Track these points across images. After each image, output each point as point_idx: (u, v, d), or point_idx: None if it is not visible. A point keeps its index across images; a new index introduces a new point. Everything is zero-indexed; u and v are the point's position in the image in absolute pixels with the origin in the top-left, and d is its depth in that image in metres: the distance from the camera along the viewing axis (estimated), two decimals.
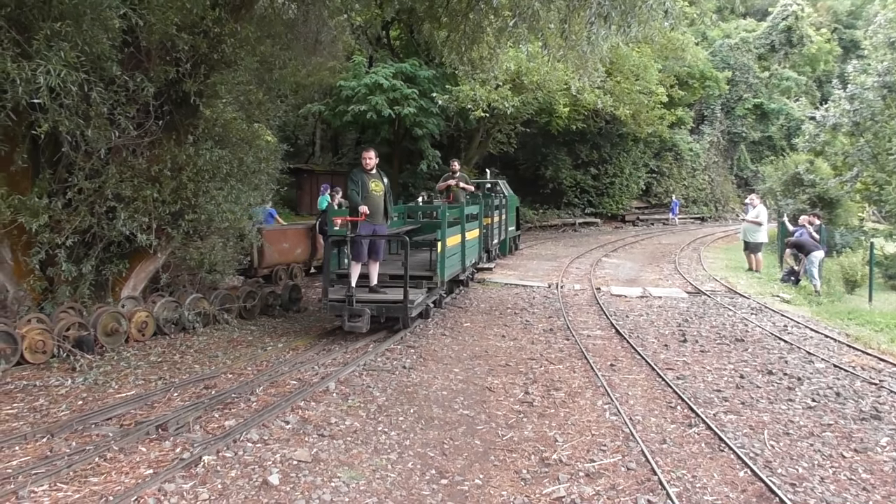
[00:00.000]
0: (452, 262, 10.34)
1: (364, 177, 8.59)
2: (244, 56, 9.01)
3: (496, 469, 4.78)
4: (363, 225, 8.43)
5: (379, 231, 8.70)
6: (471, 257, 12.46)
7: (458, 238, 10.92)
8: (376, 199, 8.63)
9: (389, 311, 8.49)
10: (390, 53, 25.60)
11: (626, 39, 10.37)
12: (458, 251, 10.87)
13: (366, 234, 8.48)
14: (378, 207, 8.65)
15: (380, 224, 8.70)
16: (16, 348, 6.99)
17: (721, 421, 5.78)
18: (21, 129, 7.29)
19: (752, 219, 15.98)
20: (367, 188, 8.55)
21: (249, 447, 4.94)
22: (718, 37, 41.65)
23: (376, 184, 8.67)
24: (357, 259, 8.52)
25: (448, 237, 9.84)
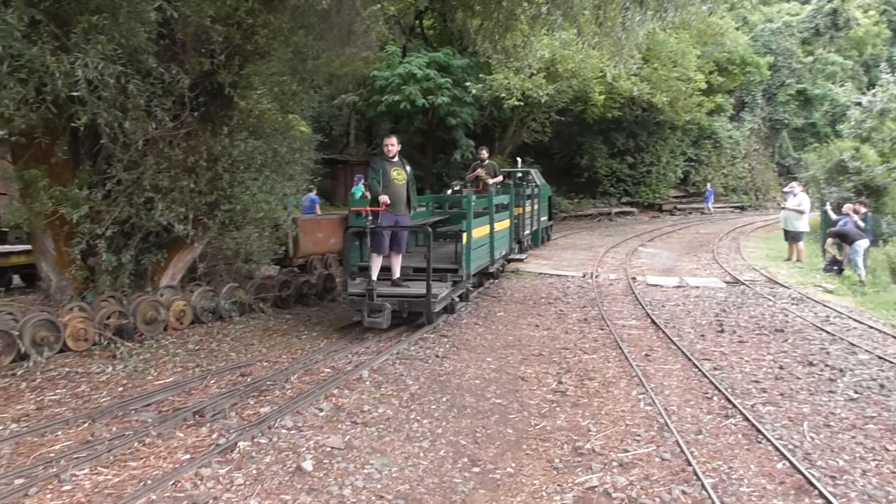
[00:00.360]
0: (479, 254, 9.94)
1: (385, 165, 8.23)
2: (278, 47, 9.05)
3: (528, 458, 4.76)
4: (384, 215, 8.07)
5: (401, 222, 8.34)
6: (500, 249, 11.88)
7: (486, 229, 10.48)
8: (398, 189, 8.26)
9: (412, 306, 8.12)
10: (424, 43, 25.56)
11: (662, 25, 10.22)
12: (485, 242, 10.44)
13: (387, 224, 8.13)
14: (400, 197, 8.30)
15: (402, 214, 8.35)
16: (59, 336, 7.16)
17: (759, 412, 5.67)
18: (61, 122, 7.43)
19: (794, 207, 15.62)
20: (388, 177, 8.19)
21: (284, 434, 5.00)
22: (760, 21, 40.67)
23: (398, 172, 8.30)
24: (378, 251, 8.12)
25: (475, 228, 9.44)
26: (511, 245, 13.26)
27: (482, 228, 10.18)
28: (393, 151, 8.31)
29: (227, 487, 4.14)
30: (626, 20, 9.05)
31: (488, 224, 10.55)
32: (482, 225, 10.21)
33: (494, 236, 10.84)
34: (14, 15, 5.88)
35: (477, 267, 9.84)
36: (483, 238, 10.24)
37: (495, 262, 11.46)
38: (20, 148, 7.62)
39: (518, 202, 14.86)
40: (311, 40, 9.89)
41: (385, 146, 8.32)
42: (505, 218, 12.34)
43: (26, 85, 6.44)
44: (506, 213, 12.55)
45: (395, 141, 8.36)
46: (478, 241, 9.71)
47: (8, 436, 4.94)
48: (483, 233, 10.24)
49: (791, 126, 41.08)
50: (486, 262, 10.64)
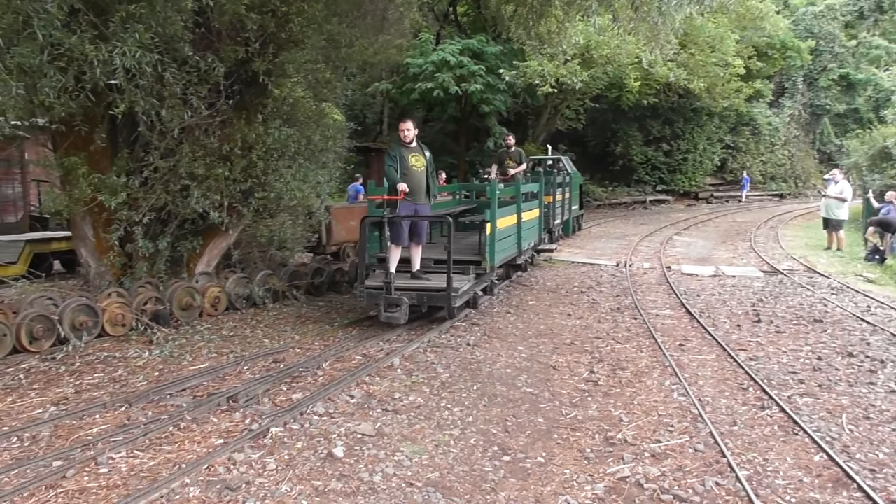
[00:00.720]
0: (505, 245, 9.44)
1: (403, 151, 7.76)
2: (312, 35, 9.07)
3: (559, 447, 4.73)
4: (403, 204, 7.63)
5: (421, 211, 7.88)
6: (529, 239, 11.39)
7: (513, 219, 10.05)
8: (417, 176, 7.78)
9: (431, 300, 7.67)
10: (457, 30, 25.46)
11: (700, 9, 10.00)
12: (512, 233, 9.96)
13: (406, 214, 7.67)
14: (419, 185, 7.81)
15: (422, 203, 7.88)
16: (97, 321, 7.31)
17: (796, 404, 5.56)
18: (100, 110, 7.56)
19: (836, 194, 15.25)
20: (406, 163, 7.72)
21: (315, 420, 5.04)
22: (801, 4, 39.67)
23: (416, 158, 7.81)
24: (396, 242, 7.70)
25: (500, 218, 8.99)
26: (541, 235, 12.74)
27: (508, 218, 9.73)
28: (410, 136, 7.79)
29: (259, 472, 4.19)
30: (662, 5, 8.87)
31: (515, 214, 10.19)
32: (508, 215, 9.78)
33: (522, 226, 10.45)
34: (54, 4, 5.97)
35: (502, 259, 9.44)
36: (509, 228, 9.79)
37: (523, 253, 10.99)
38: (60, 136, 7.77)
39: (548, 190, 14.26)
40: (345, 28, 9.90)
41: (401, 131, 7.81)
42: (534, 207, 11.89)
43: (66, 73, 6.55)
44: (535, 203, 12.04)
45: (412, 125, 7.82)
46: (503, 231, 9.27)
47: (47, 418, 5.06)
48: (509, 223, 9.79)
49: (833, 112, 40.09)
50: (512, 254, 10.19)
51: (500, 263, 9.40)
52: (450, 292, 7.49)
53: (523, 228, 10.54)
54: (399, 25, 12.93)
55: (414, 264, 8.08)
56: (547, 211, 13.78)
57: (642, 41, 13.21)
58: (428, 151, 8.00)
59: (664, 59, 20.23)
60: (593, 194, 30.02)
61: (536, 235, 12.24)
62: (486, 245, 8.58)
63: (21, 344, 6.69)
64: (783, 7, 37.38)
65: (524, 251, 11.04)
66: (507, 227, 9.60)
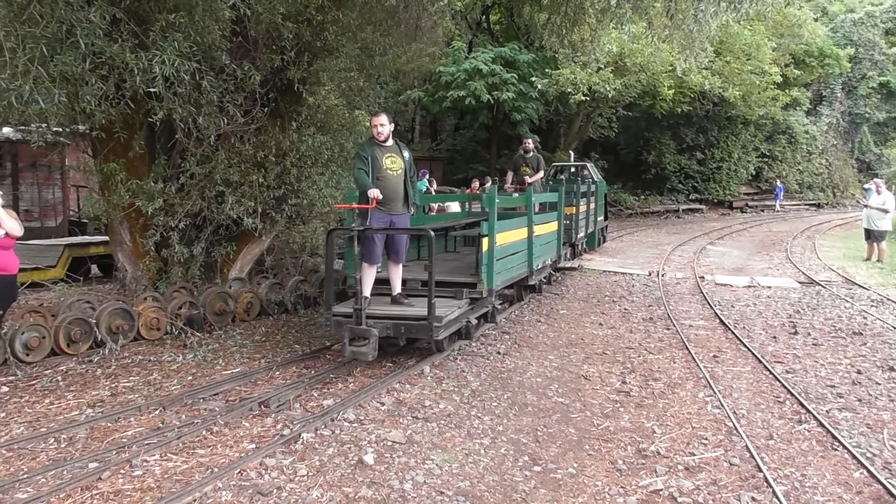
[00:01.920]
0: (509, 263, 8.11)
1: (376, 151, 6.55)
2: (346, 43, 9.17)
3: (591, 458, 4.68)
4: (376, 214, 6.49)
5: (398, 223, 6.70)
6: (545, 256, 9.98)
7: (522, 232, 8.69)
8: (393, 181, 6.59)
9: (410, 331, 6.31)
10: (490, 38, 25.50)
11: (736, 17, 9.88)
12: (520, 249, 8.60)
13: (380, 226, 6.52)
14: (396, 191, 6.62)
15: (399, 213, 6.71)
16: (133, 325, 7.43)
17: (835, 418, 5.44)
18: (139, 117, 7.71)
19: (879, 205, 14.92)
20: (379, 165, 6.53)
21: (346, 426, 5.06)
22: (840, 11, 39.02)
23: (393, 160, 6.61)
24: (369, 261, 6.55)
25: (503, 232, 7.71)
26: (560, 251, 11.26)
27: (514, 232, 8.35)
28: (384, 133, 6.59)
29: (290, 478, 4.21)
30: (698, 12, 8.78)
31: (525, 227, 8.84)
32: (516, 228, 8.44)
33: (535, 242, 9.07)
34: (97, 14, 6.11)
35: (505, 280, 8.07)
36: (516, 244, 8.41)
37: (537, 272, 9.52)
38: (100, 142, 7.93)
39: (570, 200, 12.78)
40: (379, 36, 9.98)
41: (374, 127, 6.61)
42: (552, 219, 10.52)
43: (107, 81, 6.69)
44: (553, 215, 10.71)
45: (386, 119, 6.59)
46: (507, 247, 7.97)
47: (84, 420, 5.15)
48: (516, 237, 8.42)
49: (872, 120, 39.30)
50: (520, 274, 8.76)
51: (504, 285, 8.13)
52: (431, 322, 6.15)
53: (537, 244, 9.23)
54: (432, 34, 13.00)
55: (393, 287, 6.89)
56: (569, 224, 12.59)
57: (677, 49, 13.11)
58: (407, 152, 6.85)
59: (699, 67, 20.09)
60: (625, 203, 29.80)
61: (554, 251, 10.84)
62: (482, 264, 7.25)
63: (59, 346, 6.83)
64: (821, 14, 36.83)
65: (538, 270, 9.58)
66: (514, 243, 8.32)
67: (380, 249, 6.63)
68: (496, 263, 7.33)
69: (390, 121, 6.68)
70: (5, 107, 6.47)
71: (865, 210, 15.42)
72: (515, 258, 8.39)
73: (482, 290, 7.19)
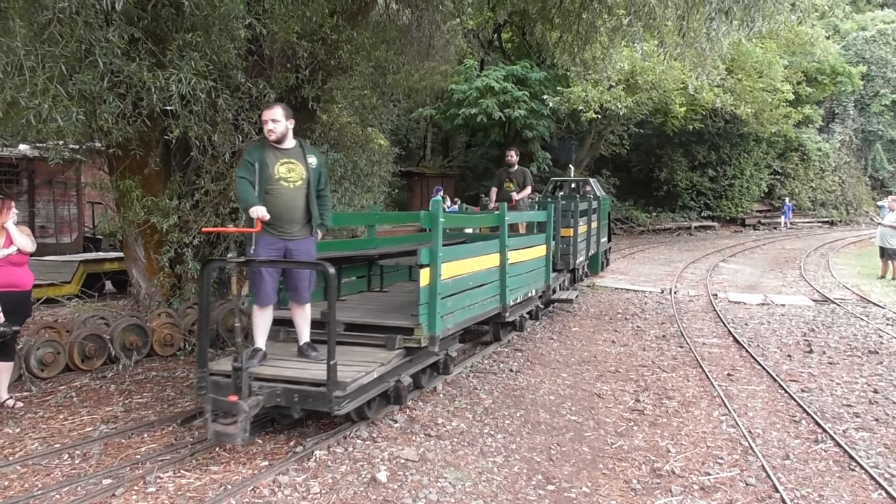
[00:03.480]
0: (468, 300, 6.47)
1: (266, 155, 5.06)
2: (359, 62, 9.25)
3: (605, 477, 4.65)
4: (263, 240, 5.03)
5: (296, 251, 5.17)
6: (525, 287, 8.41)
7: (490, 259, 7.13)
8: (288, 195, 5.09)
9: (305, 400, 4.73)
10: (502, 56, 25.64)
11: (748, 35, 9.89)
12: (488, 280, 7.04)
13: (270, 256, 5.06)
14: (292, 208, 5.11)
15: (297, 237, 5.17)
16: (147, 341, 7.47)
17: (851, 438, 5.38)
18: (155, 135, 7.79)
19: (892, 223, 14.82)
20: (269, 174, 5.02)
21: (359, 444, 5.05)
22: (852, 29, 38.96)
23: (290, 167, 5.12)
24: (259, 301, 5.21)
25: (454, 259, 6.11)
26: (549, 280, 9.54)
27: (476, 260, 6.74)
28: (278, 132, 5.06)
29: (303, 496, 4.20)
30: (710, 30, 8.79)
31: (496, 252, 7.31)
32: (478, 254, 6.85)
33: (510, 271, 7.55)
34: (116, 33, 6.20)
35: (461, 322, 6.38)
36: (480, 275, 6.83)
37: (513, 307, 7.95)
38: (116, 160, 8.00)
39: (567, 221, 11.12)
40: (392, 55, 10.07)
41: (265, 123, 5.08)
42: (537, 243, 9.05)
43: (124, 99, 6.78)
44: (539, 237, 9.28)
45: (281, 113, 5.07)
46: (463, 280, 6.34)
47: (98, 436, 5.17)
48: (479, 266, 6.81)
49: (885, 137, 39.11)
50: (487, 311, 7.10)
51: (458, 329, 6.42)
52: (330, 389, 4.60)
53: (513, 273, 7.70)
54: (444, 52, 13.12)
55: (299, 334, 5.46)
56: (565, 247, 11.08)
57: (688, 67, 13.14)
58: (315, 157, 5.29)
59: (711, 85, 20.13)
60: (637, 220, 29.74)
61: (541, 281, 9.24)
62: (422, 303, 5.57)
63: (73, 362, 6.87)
64: (833, 32, 36.78)
65: (515, 305, 8.05)
66: (476, 274, 6.74)
67: (272, 286, 5.17)
68: (443, 302, 5.79)
69: (288, 116, 5.11)
70: (23, 124, 6.56)
71: (880, 228, 15.32)
72: (478, 293, 6.78)
73: (421, 337, 5.55)
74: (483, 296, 6.93)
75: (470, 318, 6.63)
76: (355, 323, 5.91)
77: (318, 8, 7.90)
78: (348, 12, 8.82)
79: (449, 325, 5.99)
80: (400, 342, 5.61)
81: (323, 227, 5.42)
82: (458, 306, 6.23)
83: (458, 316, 6.26)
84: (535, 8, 11.83)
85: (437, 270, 5.62)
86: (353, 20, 8.91)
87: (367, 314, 6.18)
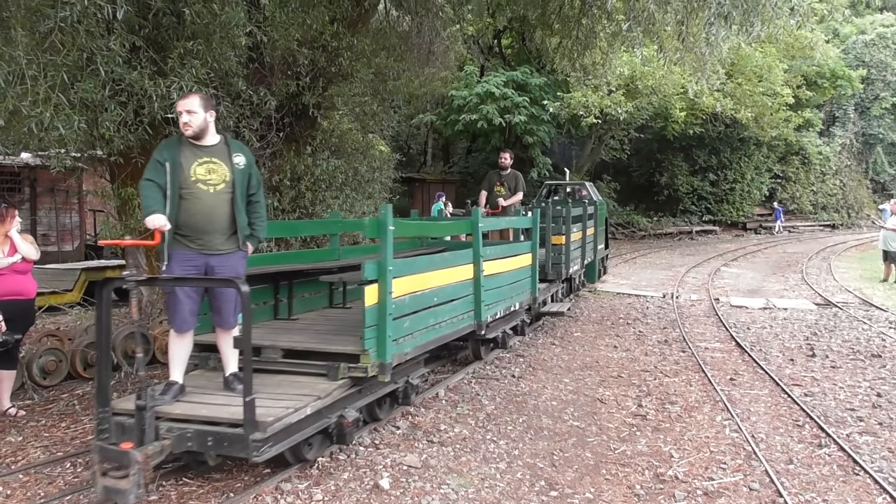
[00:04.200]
0: (431, 318, 5.67)
1: (181, 153, 4.29)
2: (360, 68, 9.28)
3: (608, 483, 4.64)
4: (178, 255, 4.29)
5: (219, 267, 4.36)
6: (506, 301, 7.57)
7: (461, 272, 6.30)
8: (207, 201, 4.28)
9: (220, 445, 4.01)
10: (502, 62, 25.70)
11: (748, 39, 9.92)
12: (457, 295, 6.21)
13: (185, 273, 4.27)
14: (212, 217, 4.31)
15: (220, 252, 4.37)
16: (149, 349, 7.46)
17: (855, 442, 5.37)
18: (156, 143, 7.77)
19: (893, 226, 14.82)
20: (184, 176, 4.24)
21: (361, 451, 5.04)
22: (852, 33, 39.03)
23: (211, 167, 4.32)
24: (175, 326, 4.39)
25: (412, 273, 5.32)
26: (536, 293, 8.69)
27: (440, 273, 5.87)
28: (195, 125, 4.28)
29: (305, 503, 4.20)
30: (709, 35, 8.81)
31: (469, 263, 6.50)
32: (444, 266, 5.99)
33: (486, 284, 6.72)
34: (117, 42, 6.21)
35: (422, 345, 5.56)
36: (448, 289, 6.00)
37: (493, 324, 7.25)
38: (118, 167, 8.02)
39: (559, 229, 10.16)
40: (392, 61, 10.11)
41: (179, 115, 4.34)
42: (521, 251, 8.26)
43: (126, 108, 6.78)
44: (524, 245, 8.51)
45: (199, 103, 4.31)
46: (425, 296, 5.54)
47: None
48: (446, 280, 5.97)
49: (886, 141, 39.16)
50: (459, 329, 6.29)
51: (417, 353, 5.57)
52: (247, 431, 3.89)
53: (490, 286, 6.90)
54: (444, 58, 13.15)
55: (224, 364, 4.66)
56: (557, 256, 10.12)
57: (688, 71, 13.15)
58: (243, 155, 4.50)
59: (710, 89, 20.12)
60: (638, 224, 29.75)
61: (526, 293, 8.37)
62: (367, 325, 4.68)
63: (76, 370, 6.87)
64: (833, 36, 36.82)
65: (495, 320, 7.27)
66: (443, 288, 5.90)
67: (190, 308, 4.34)
68: (397, 323, 5.01)
69: (208, 106, 4.35)
70: (25, 133, 6.57)
71: (883, 231, 15.32)
72: (445, 309, 5.97)
73: (370, 365, 4.70)
74: (452, 312, 6.12)
75: (437, 338, 5.84)
76: (294, 349, 5.02)
77: (318, 15, 7.93)
78: (348, 19, 8.85)
79: (406, 350, 5.20)
80: (344, 371, 4.76)
81: (254, 240, 4.62)
82: (419, 326, 5.44)
83: (420, 337, 5.45)
84: (534, 14, 11.87)
85: (387, 287, 4.80)
86: (354, 27, 8.94)
87: (312, 337, 5.32)
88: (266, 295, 6.29)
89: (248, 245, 4.55)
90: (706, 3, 8.40)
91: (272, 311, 6.31)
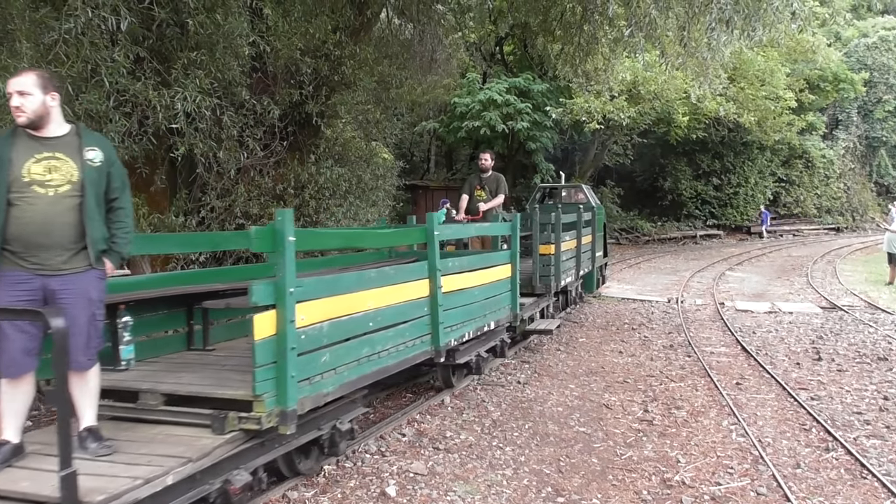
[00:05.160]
0: (364, 349, 4.56)
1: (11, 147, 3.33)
2: (363, 77, 9.32)
3: (615, 489, 4.63)
4: (6, 275, 3.31)
5: (62, 293, 3.36)
6: (478, 320, 6.52)
7: (415, 289, 5.29)
8: (44, 207, 3.31)
9: None
10: (504, 68, 25.72)
11: (749, 44, 9.94)
12: (406, 318, 5.14)
13: (15, 301, 3.27)
14: (50, 226, 3.33)
15: (63, 272, 3.38)
16: None
17: (863, 446, 5.35)
18: (160, 153, 7.84)
19: None
20: (15, 175, 3.29)
21: (368, 458, 5.04)
22: (854, 36, 38.99)
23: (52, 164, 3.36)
24: (4, 370, 3.34)
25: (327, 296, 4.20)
26: (517, 309, 7.56)
27: (376, 293, 4.76)
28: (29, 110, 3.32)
29: None
30: (711, 40, 8.84)
31: (424, 277, 5.45)
32: (379, 284, 4.83)
33: (444, 302, 5.63)
34: (121, 53, 6.27)
35: (353, 381, 4.45)
36: (384, 312, 4.84)
37: (462, 348, 6.41)
38: None
39: (549, 236, 8.99)
40: (395, 69, 10.15)
41: (9, 97, 3.34)
42: (498, 262, 7.20)
43: (130, 118, 6.84)
44: (501, 256, 7.42)
45: (35, 82, 3.32)
46: (351, 323, 4.44)
47: None
48: (381, 301, 4.80)
49: (890, 143, 39.04)
50: (409, 358, 5.24)
51: (351, 390, 4.54)
52: None
53: (452, 305, 5.89)
54: (447, 66, 13.21)
55: (79, 415, 3.51)
56: (545, 267, 8.92)
57: (690, 76, 13.17)
58: (99, 149, 3.50)
59: (713, 94, 20.13)
60: (642, 229, 29.72)
61: (504, 310, 7.32)
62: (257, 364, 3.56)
63: None
64: (835, 40, 36.81)
65: (463, 343, 6.33)
66: (381, 310, 4.80)
67: (22, 345, 3.30)
68: (309, 358, 3.94)
69: (48, 86, 3.37)
70: None
71: (887, 234, 15.29)
72: (387, 336, 4.87)
73: (263, 415, 3.59)
74: (399, 339, 5.02)
75: (375, 371, 4.71)
76: (177, 394, 3.93)
77: (321, 24, 7.97)
78: (351, 28, 8.90)
79: (327, 389, 4.12)
80: (233, 423, 3.64)
81: (115, 256, 3.59)
82: (347, 359, 4.35)
83: (348, 372, 4.37)
84: (536, 20, 11.90)
85: (288, 314, 3.70)
86: (356, 36, 8.98)
87: (207, 377, 4.20)
88: (177, 321, 5.23)
89: (104, 262, 3.54)
90: (707, 9, 8.43)
91: (185, 340, 5.22)
